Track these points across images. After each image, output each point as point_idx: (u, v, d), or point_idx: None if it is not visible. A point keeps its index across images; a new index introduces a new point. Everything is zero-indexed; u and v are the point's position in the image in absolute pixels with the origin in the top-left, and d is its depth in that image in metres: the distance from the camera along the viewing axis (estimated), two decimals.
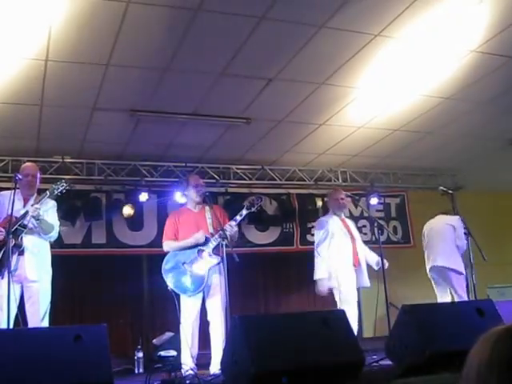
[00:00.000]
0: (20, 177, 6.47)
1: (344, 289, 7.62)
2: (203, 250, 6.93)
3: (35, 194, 6.87)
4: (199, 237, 6.96)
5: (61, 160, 9.73)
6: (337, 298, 7.71)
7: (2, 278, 6.10)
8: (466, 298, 8.03)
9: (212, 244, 6.90)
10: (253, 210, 7.18)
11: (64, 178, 6.80)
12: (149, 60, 6.97)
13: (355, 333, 7.28)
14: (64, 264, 7.45)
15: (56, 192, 6.57)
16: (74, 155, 9.80)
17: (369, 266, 7.96)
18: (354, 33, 6.61)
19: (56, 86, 7.34)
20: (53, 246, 7.06)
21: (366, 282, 7.87)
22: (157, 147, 9.88)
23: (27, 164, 7.09)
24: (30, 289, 6.52)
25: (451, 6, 6.19)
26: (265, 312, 11.42)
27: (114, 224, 10.30)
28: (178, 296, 6.89)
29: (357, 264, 7.82)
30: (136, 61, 6.96)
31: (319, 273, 7.72)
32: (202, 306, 6.96)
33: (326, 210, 9.11)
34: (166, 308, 6.83)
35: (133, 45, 6.57)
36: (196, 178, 7.58)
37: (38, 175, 6.96)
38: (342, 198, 8.07)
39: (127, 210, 10.21)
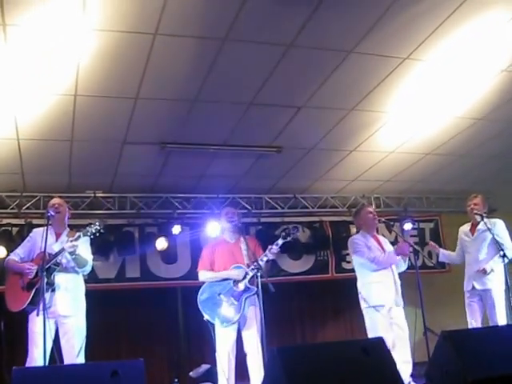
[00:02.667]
0: (52, 213, 6.48)
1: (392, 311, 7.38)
2: (239, 281, 6.90)
3: (67, 229, 6.91)
4: (238, 273, 6.93)
5: (93, 195, 9.80)
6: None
7: (38, 315, 6.08)
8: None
9: (248, 275, 6.86)
10: (288, 239, 7.12)
11: (97, 220, 6.78)
12: (177, 92, 7.00)
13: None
14: (98, 299, 7.42)
15: (89, 234, 6.56)
16: (106, 189, 9.86)
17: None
18: (383, 57, 6.59)
19: (86, 121, 7.40)
20: (87, 280, 7.07)
21: (401, 302, 7.42)
22: (188, 179, 9.90)
23: (54, 199, 7.06)
24: (64, 325, 6.48)
25: (480, 26, 6.17)
26: (301, 341, 11.33)
27: (148, 257, 10.30)
28: (213, 326, 6.86)
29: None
30: (164, 93, 7.00)
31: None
32: (237, 337, 6.91)
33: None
34: (202, 340, 6.78)
35: (161, 77, 6.61)
36: (229, 208, 7.63)
37: (67, 208, 7.01)
38: (372, 213, 7.75)
39: (161, 243, 10.20)
